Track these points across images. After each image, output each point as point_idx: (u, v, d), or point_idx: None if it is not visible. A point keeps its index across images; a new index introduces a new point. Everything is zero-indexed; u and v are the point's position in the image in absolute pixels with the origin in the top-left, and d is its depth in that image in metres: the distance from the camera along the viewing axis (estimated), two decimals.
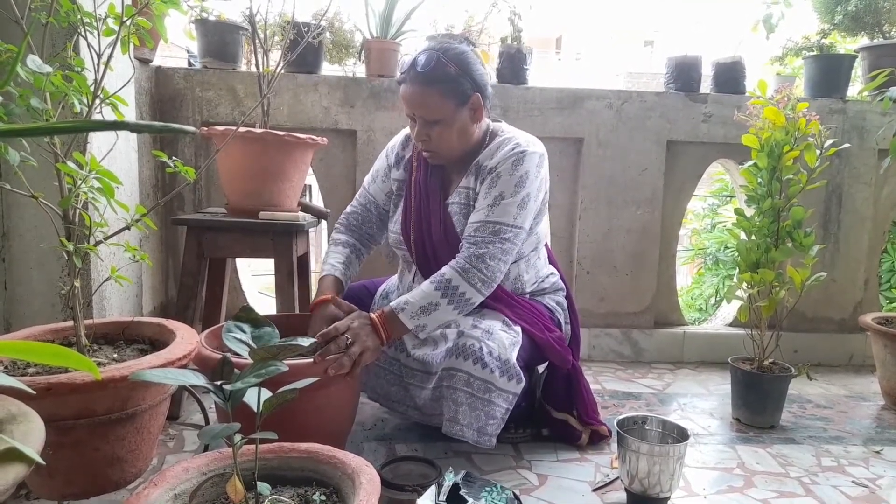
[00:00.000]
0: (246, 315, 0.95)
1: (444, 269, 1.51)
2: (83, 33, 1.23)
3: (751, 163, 1.96)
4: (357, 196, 1.83)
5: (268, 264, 1.88)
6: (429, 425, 1.70)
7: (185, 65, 2.57)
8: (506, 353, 1.49)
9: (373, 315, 1.47)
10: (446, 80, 1.51)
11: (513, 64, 2.48)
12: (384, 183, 1.77)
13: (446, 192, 1.68)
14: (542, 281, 1.77)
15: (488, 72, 1.62)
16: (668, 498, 1.42)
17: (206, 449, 1.37)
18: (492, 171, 1.56)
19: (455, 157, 1.62)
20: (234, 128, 1.62)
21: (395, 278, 1.86)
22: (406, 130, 1.77)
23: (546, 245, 1.84)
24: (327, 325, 1.45)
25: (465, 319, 1.55)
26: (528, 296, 1.73)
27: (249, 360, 0.87)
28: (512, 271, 1.66)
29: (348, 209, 1.82)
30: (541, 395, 1.79)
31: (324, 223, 2.19)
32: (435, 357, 1.57)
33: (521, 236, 1.56)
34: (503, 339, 1.51)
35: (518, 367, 1.49)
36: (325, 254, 1.76)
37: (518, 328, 1.59)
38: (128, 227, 1.26)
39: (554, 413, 1.75)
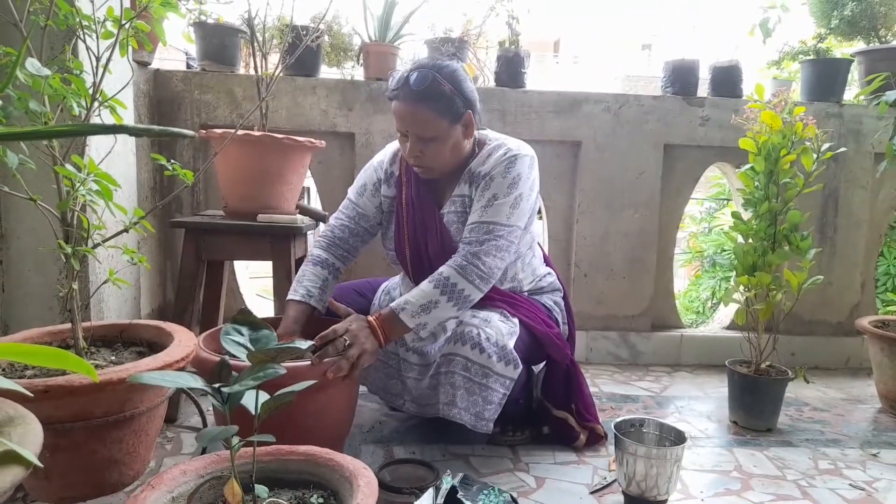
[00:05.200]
0: (244, 318, 0.95)
1: (443, 269, 1.52)
2: (82, 36, 1.23)
3: (748, 166, 1.97)
4: (342, 209, 1.76)
5: (266, 267, 1.88)
6: (424, 418, 1.72)
7: (184, 68, 2.57)
8: (503, 339, 1.52)
9: (371, 317, 1.47)
10: (440, 99, 1.51)
11: (510, 67, 2.49)
12: (374, 197, 1.74)
13: (440, 203, 1.68)
14: (540, 280, 1.79)
15: (474, 87, 1.61)
16: (666, 501, 1.42)
17: (203, 451, 1.37)
18: (485, 175, 1.58)
19: (446, 171, 1.63)
20: (232, 130, 1.62)
21: (397, 277, 1.88)
22: (393, 146, 1.76)
23: (540, 246, 1.85)
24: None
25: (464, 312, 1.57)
26: (525, 294, 1.75)
27: (247, 363, 0.87)
28: (509, 270, 1.68)
29: (333, 222, 1.76)
30: (540, 394, 1.80)
31: (322, 226, 2.19)
32: (433, 348, 1.62)
33: (516, 234, 1.58)
34: (501, 327, 1.55)
35: (515, 354, 1.52)
36: (300, 270, 1.67)
37: (516, 320, 1.62)
38: (126, 230, 1.26)
39: (554, 411, 1.75)
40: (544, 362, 1.78)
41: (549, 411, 1.76)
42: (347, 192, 1.79)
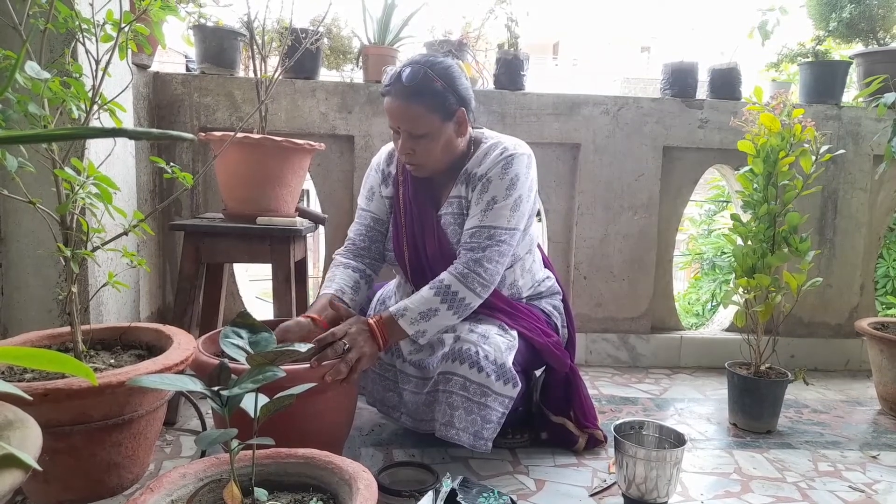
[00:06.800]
0: (243, 320, 0.95)
1: (443, 276, 1.51)
2: (81, 39, 1.23)
3: (747, 168, 1.97)
4: (357, 219, 1.77)
5: (265, 269, 1.88)
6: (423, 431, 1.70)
7: (184, 70, 2.57)
8: (502, 357, 1.49)
9: (370, 320, 1.46)
10: (432, 95, 1.50)
11: (510, 70, 2.49)
12: (381, 199, 1.74)
13: (437, 204, 1.67)
14: (539, 285, 1.78)
15: (470, 85, 1.60)
16: (666, 503, 1.42)
17: (203, 454, 1.37)
18: (482, 177, 1.56)
19: (440, 170, 1.61)
20: (231, 133, 1.62)
21: (392, 284, 1.86)
22: (388, 147, 1.76)
23: (540, 248, 1.84)
24: (293, 339, 1.42)
25: (462, 324, 1.55)
26: (524, 300, 1.73)
27: (247, 366, 0.87)
28: (508, 277, 1.66)
29: (351, 234, 1.76)
30: (538, 399, 1.79)
31: (321, 228, 2.19)
32: (432, 362, 1.58)
33: (516, 237, 1.57)
34: (499, 343, 1.52)
35: (514, 372, 1.50)
36: (329, 273, 1.69)
37: (514, 332, 1.60)
38: (125, 233, 1.26)
39: (552, 417, 1.75)
40: (544, 366, 1.77)
41: (546, 417, 1.76)
42: (357, 203, 1.79)
